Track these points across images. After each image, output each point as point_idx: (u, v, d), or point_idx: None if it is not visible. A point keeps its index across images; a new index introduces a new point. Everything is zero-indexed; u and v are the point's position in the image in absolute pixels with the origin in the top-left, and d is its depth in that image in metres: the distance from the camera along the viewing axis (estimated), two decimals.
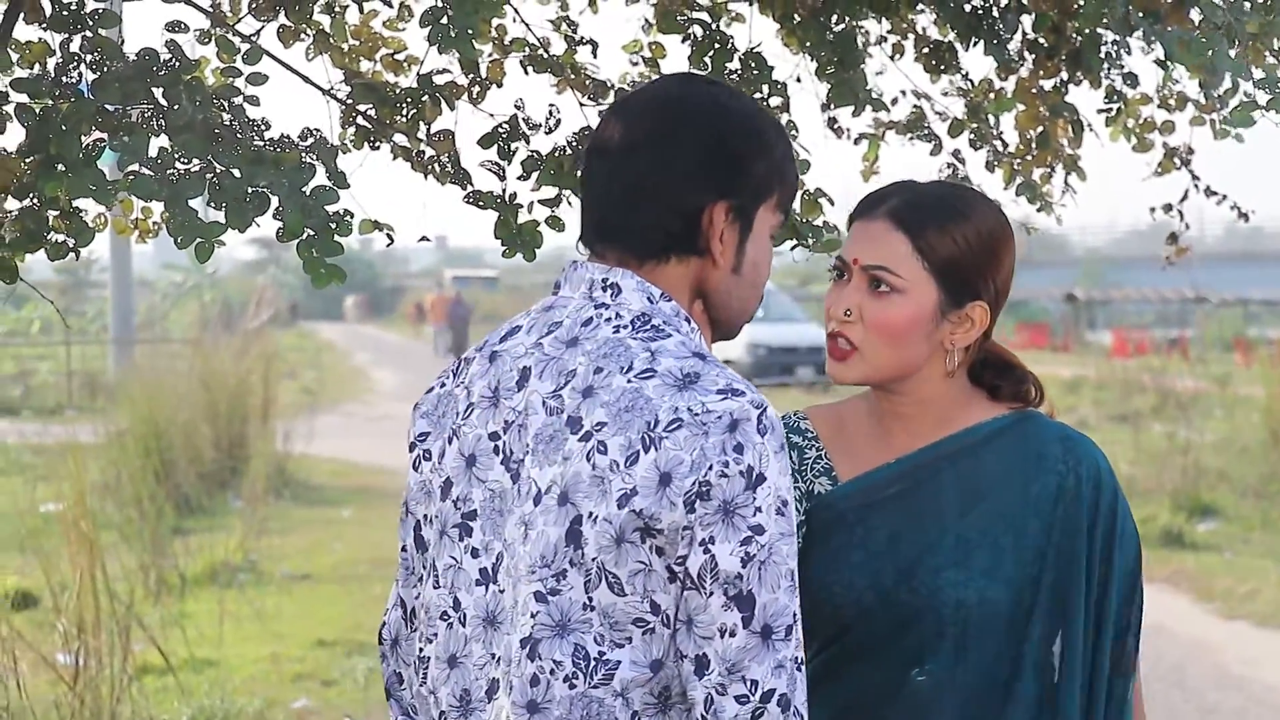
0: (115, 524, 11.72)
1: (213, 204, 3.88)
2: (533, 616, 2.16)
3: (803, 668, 2.13)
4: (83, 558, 8.03)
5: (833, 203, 4.29)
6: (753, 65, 4.22)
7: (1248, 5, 4.36)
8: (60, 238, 4.00)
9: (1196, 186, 5.10)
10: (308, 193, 3.89)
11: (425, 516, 2.34)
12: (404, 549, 2.42)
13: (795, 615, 2.12)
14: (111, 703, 7.47)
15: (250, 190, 3.86)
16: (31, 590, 9.92)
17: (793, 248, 4.28)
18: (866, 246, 2.63)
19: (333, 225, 3.91)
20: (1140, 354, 32.40)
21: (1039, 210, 5.01)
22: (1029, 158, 4.92)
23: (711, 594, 2.09)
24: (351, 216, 3.96)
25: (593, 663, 2.13)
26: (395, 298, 73.89)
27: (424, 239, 4.00)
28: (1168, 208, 5.23)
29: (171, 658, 8.18)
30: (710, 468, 2.09)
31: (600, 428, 2.15)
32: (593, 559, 2.13)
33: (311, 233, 3.89)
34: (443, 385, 2.38)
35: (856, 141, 4.81)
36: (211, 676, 8.54)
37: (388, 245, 4.31)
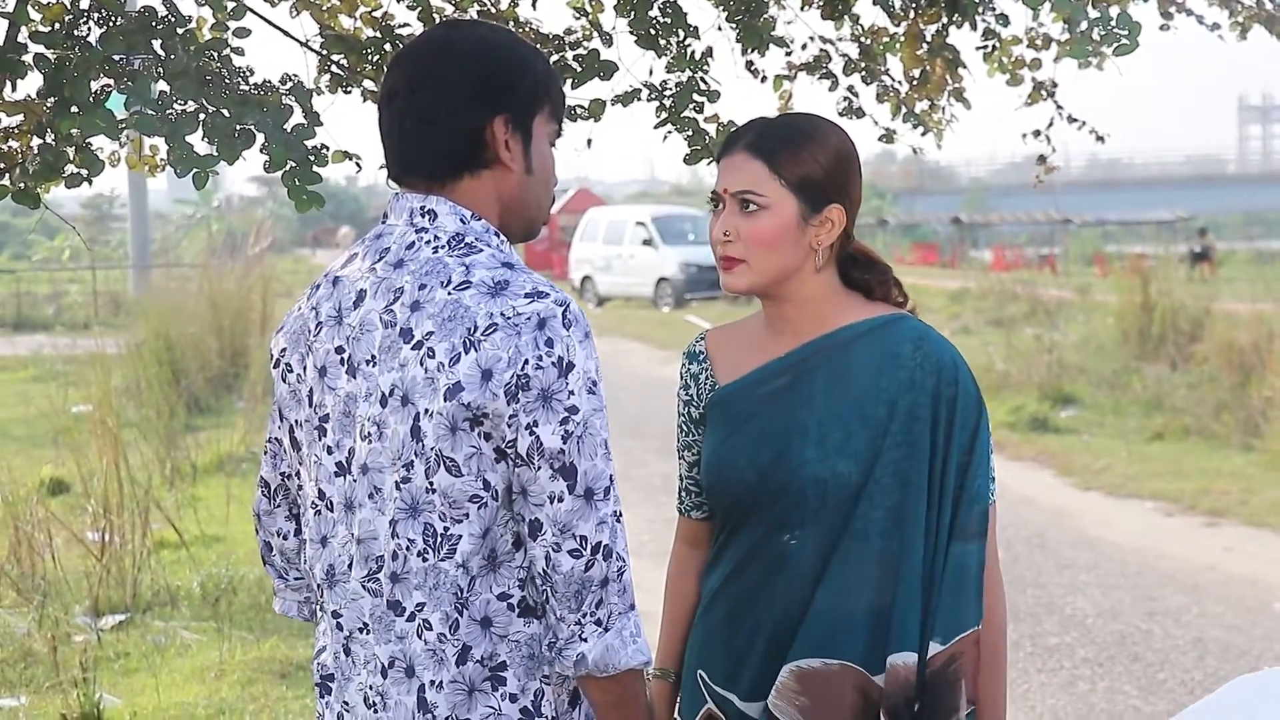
0: (135, 422, 11.65)
1: (207, 139, 3.87)
2: (393, 502, 2.20)
3: (621, 519, 2.16)
4: (108, 450, 8.02)
5: None
6: (670, 13, 4.20)
7: None
8: (75, 170, 3.97)
9: (1060, 114, 5.14)
10: (289, 130, 3.86)
11: (297, 420, 2.34)
12: (271, 439, 2.45)
13: (611, 477, 2.16)
14: (133, 572, 7.50)
15: (238, 127, 3.84)
16: (64, 479, 9.90)
17: (709, 163, 4.30)
18: (732, 176, 2.65)
19: (311, 158, 3.89)
20: (1015, 268, 32.51)
21: (923, 135, 5.04)
22: (911, 92, 4.93)
23: (540, 468, 2.12)
24: (327, 150, 3.93)
25: (438, 538, 2.17)
26: None
27: (384, 166, 3.99)
28: (1036, 133, 5.27)
29: (184, 535, 8.20)
30: (526, 362, 2.11)
31: (429, 336, 2.15)
32: (431, 448, 2.15)
33: (293, 164, 3.87)
34: (298, 310, 2.37)
35: (763, 80, 4.81)
36: (219, 550, 8.52)
37: (357, 172, 4.28)
